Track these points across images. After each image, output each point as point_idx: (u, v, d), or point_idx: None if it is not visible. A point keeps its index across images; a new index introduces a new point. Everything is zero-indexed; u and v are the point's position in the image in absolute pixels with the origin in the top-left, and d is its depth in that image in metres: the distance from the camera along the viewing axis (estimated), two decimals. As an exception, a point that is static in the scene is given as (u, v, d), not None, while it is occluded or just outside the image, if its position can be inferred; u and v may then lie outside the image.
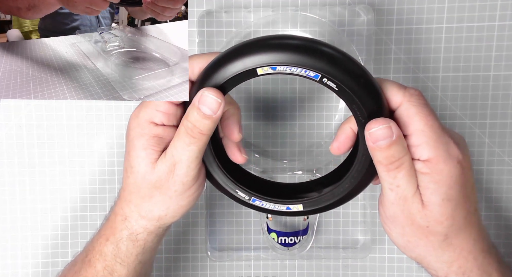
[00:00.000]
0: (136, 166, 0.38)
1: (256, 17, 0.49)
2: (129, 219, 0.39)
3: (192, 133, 0.36)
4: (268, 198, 0.39)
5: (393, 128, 0.33)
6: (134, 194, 0.39)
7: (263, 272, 0.53)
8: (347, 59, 0.34)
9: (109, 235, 0.40)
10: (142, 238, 0.40)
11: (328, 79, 0.33)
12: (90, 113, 0.51)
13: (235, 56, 0.34)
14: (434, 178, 0.34)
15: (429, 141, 0.34)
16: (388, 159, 0.34)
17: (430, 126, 0.34)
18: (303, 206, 0.39)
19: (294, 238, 0.51)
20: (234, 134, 0.39)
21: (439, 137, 0.34)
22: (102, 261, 0.40)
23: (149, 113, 0.37)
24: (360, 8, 0.48)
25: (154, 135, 0.37)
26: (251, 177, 0.42)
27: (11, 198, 0.52)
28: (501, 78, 0.50)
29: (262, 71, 0.34)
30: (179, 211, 0.39)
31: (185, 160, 0.37)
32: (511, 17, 0.49)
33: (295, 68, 0.33)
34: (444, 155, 0.34)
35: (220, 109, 0.35)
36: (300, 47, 0.33)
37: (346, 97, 0.34)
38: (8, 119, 0.51)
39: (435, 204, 0.34)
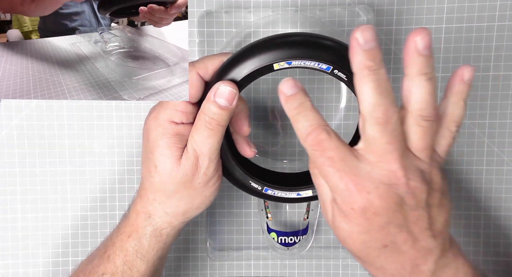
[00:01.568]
0: (161, 164, 0.39)
1: (256, 17, 0.49)
2: (153, 217, 0.41)
3: (210, 126, 0.38)
4: (279, 186, 0.43)
5: (298, 83, 0.35)
6: (159, 193, 0.40)
7: (263, 271, 0.54)
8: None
9: (131, 232, 0.41)
10: (166, 234, 0.41)
11: (339, 70, 0.36)
12: (90, 113, 0.51)
13: (252, 54, 0.37)
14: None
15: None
16: (293, 110, 0.35)
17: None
18: (312, 191, 0.42)
19: (294, 238, 0.51)
20: (243, 128, 0.41)
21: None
22: (122, 256, 0.41)
23: (169, 113, 0.39)
24: (360, 8, 0.48)
25: (176, 133, 0.39)
26: (261, 169, 0.45)
27: (12, 198, 0.52)
28: (501, 78, 0.50)
29: (278, 66, 0.37)
30: (203, 202, 0.41)
31: (207, 153, 0.38)
32: (510, 18, 0.49)
33: (309, 62, 0.36)
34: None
35: (235, 100, 0.38)
36: (313, 42, 0.37)
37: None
38: (8, 119, 0.51)
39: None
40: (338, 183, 0.33)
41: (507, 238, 0.52)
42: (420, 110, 0.33)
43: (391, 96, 0.33)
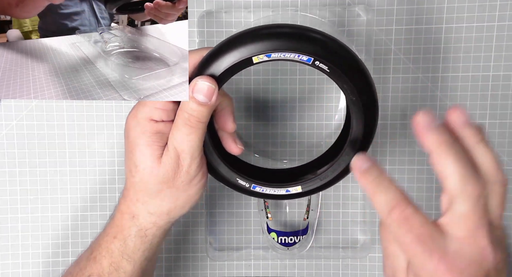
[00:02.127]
0: (141, 164, 0.38)
1: (256, 17, 0.49)
2: (137, 217, 0.40)
3: (190, 123, 0.37)
4: (267, 183, 0.42)
5: (368, 157, 0.35)
6: (141, 192, 0.39)
7: (263, 271, 0.54)
8: (336, 42, 0.37)
9: (117, 233, 0.40)
10: (151, 234, 0.40)
11: (320, 62, 0.35)
12: (90, 113, 0.51)
13: (230, 47, 0.36)
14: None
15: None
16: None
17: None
18: (301, 187, 0.41)
19: (294, 238, 0.51)
20: (228, 125, 0.40)
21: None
22: (108, 257, 0.40)
23: (148, 111, 0.38)
24: (360, 8, 0.48)
25: (156, 132, 0.38)
26: (249, 166, 0.44)
27: (12, 198, 0.52)
28: (500, 78, 0.50)
29: (257, 59, 0.36)
30: (188, 201, 0.40)
31: (188, 150, 0.37)
32: (510, 18, 0.49)
33: (288, 54, 0.35)
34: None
35: (215, 96, 0.36)
36: (292, 33, 0.36)
37: (337, 77, 0.36)
38: (8, 119, 0.51)
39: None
40: (426, 262, 0.32)
41: (507, 238, 0.52)
42: (493, 176, 0.33)
43: (473, 167, 0.32)
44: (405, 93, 0.51)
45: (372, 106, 0.38)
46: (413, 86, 0.50)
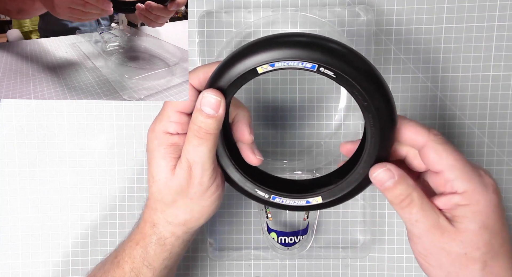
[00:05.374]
0: (157, 175, 0.40)
1: (256, 17, 0.49)
2: (157, 226, 0.41)
3: (199, 134, 0.38)
4: (287, 194, 0.41)
5: (392, 169, 0.36)
6: (158, 202, 0.41)
7: (263, 271, 0.54)
8: (340, 46, 0.35)
9: (139, 239, 0.42)
10: (170, 243, 0.41)
11: (325, 68, 0.35)
12: (90, 113, 0.51)
13: (236, 60, 0.36)
14: (472, 208, 0.35)
15: (462, 174, 0.35)
16: (398, 197, 0.36)
17: (460, 160, 0.35)
18: (322, 198, 0.40)
19: (294, 238, 0.51)
20: (245, 136, 0.41)
21: (471, 170, 0.35)
22: (130, 263, 0.42)
23: (163, 125, 0.40)
24: (360, 8, 0.48)
25: (171, 144, 0.39)
26: (268, 176, 0.44)
27: (12, 198, 0.52)
28: (500, 78, 0.50)
29: (262, 70, 0.36)
30: (203, 213, 0.41)
31: (199, 162, 0.38)
32: (510, 18, 0.49)
33: (292, 62, 0.35)
34: (480, 186, 0.35)
35: (222, 108, 0.37)
36: (294, 42, 0.35)
37: (345, 82, 0.35)
38: (8, 119, 0.51)
39: (472, 231, 0.35)
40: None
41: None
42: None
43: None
44: (405, 93, 0.51)
45: (387, 109, 0.36)
46: (413, 86, 0.50)
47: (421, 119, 0.51)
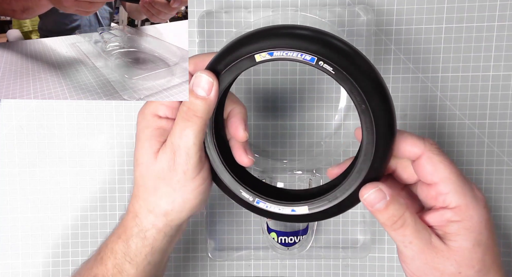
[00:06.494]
0: (140, 157, 0.39)
1: (256, 17, 0.49)
2: (139, 216, 0.40)
3: (187, 116, 0.36)
4: (272, 200, 0.39)
5: (384, 190, 0.35)
6: (141, 188, 0.39)
7: (263, 271, 0.54)
8: (341, 42, 0.34)
9: (121, 233, 0.40)
10: (151, 236, 0.40)
11: (324, 62, 0.33)
12: (90, 113, 0.51)
13: (235, 46, 0.35)
14: (465, 225, 0.34)
15: (457, 188, 0.34)
16: (390, 219, 0.35)
17: (455, 173, 0.35)
18: (308, 208, 0.38)
19: (294, 238, 0.51)
20: (238, 132, 0.39)
21: (464, 184, 0.35)
22: (112, 259, 0.40)
23: (154, 106, 0.39)
24: (360, 8, 0.48)
25: (158, 127, 0.38)
26: (256, 180, 0.42)
27: (12, 198, 0.52)
28: (500, 78, 0.50)
29: (260, 58, 0.35)
30: (185, 205, 0.39)
31: (183, 147, 0.37)
32: (510, 18, 0.49)
33: (291, 52, 0.34)
34: (473, 202, 0.35)
35: (214, 91, 0.36)
36: (295, 32, 0.34)
37: (344, 80, 0.33)
38: (8, 119, 0.51)
39: (466, 249, 0.35)
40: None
41: (507, 238, 0.52)
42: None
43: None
44: (405, 93, 0.51)
45: (385, 116, 0.34)
46: (413, 86, 0.50)
47: (421, 119, 0.51)
